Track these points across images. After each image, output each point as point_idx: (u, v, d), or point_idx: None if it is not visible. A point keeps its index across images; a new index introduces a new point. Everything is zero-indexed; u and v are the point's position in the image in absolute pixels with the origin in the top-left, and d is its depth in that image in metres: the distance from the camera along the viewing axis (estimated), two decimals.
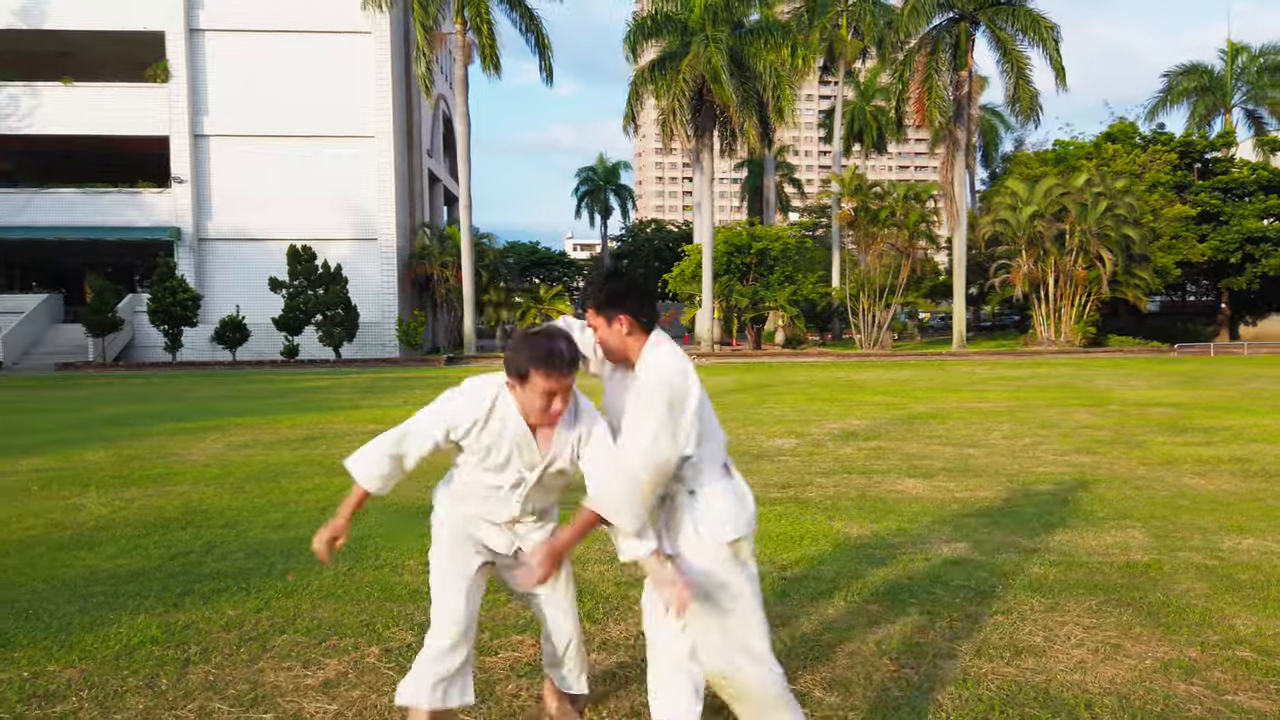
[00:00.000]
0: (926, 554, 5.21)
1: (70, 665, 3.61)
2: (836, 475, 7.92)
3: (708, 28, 31.14)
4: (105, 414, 14.24)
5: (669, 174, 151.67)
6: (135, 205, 33.08)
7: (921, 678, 3.44)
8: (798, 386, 18.32)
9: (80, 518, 6.49)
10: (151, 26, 32.57)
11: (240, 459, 9.14)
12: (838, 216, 37.13)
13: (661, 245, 72.44)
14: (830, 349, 35.16)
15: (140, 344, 32.51)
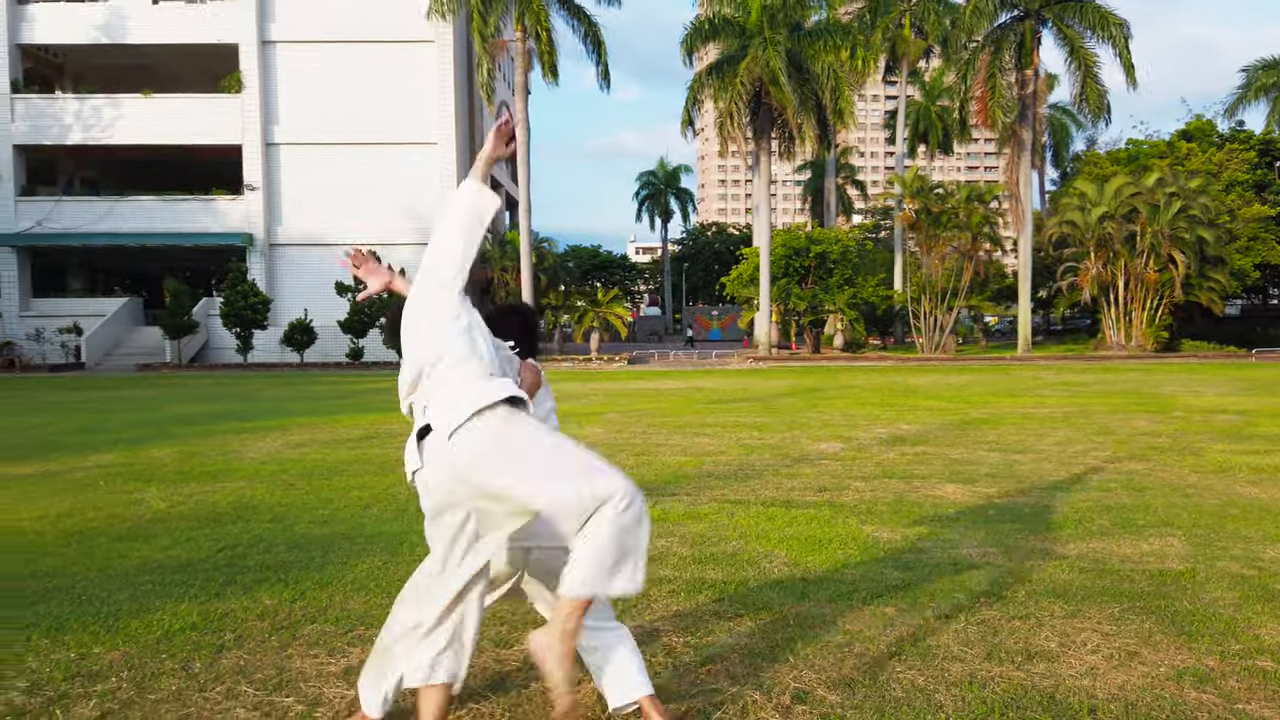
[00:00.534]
0: (954, 559, 5.18)
1: (114, 648, 3.83)
2: (876, 480, 7.89)
3: (765, 30, 31.07)
4: (176, 413, 14.82)
5: (731, 177, 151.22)
6: (210, 212, 34.28)
7: (926, 679, 3.45)
8: (851, 391, 18.18)
9: (139, 511, 6.82)
10: (226, 39, 33.75)
11: (295, 457, 9.46)
12: (899, 218, 36.68)
13: (722, 248, 72.40)
14: (891, 353, 34.73)
15: (214, 346, 33.67)
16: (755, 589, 4.63)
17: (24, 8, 33.92)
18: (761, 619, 4.15)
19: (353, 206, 34.17)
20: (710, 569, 5.02)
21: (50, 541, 5.88)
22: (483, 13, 30.20)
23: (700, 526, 6.08)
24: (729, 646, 3.81)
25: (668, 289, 73.66)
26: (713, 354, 36.55)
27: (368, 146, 34.25)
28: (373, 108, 34.01)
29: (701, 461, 8.99)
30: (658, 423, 12.34)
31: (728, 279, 36.59)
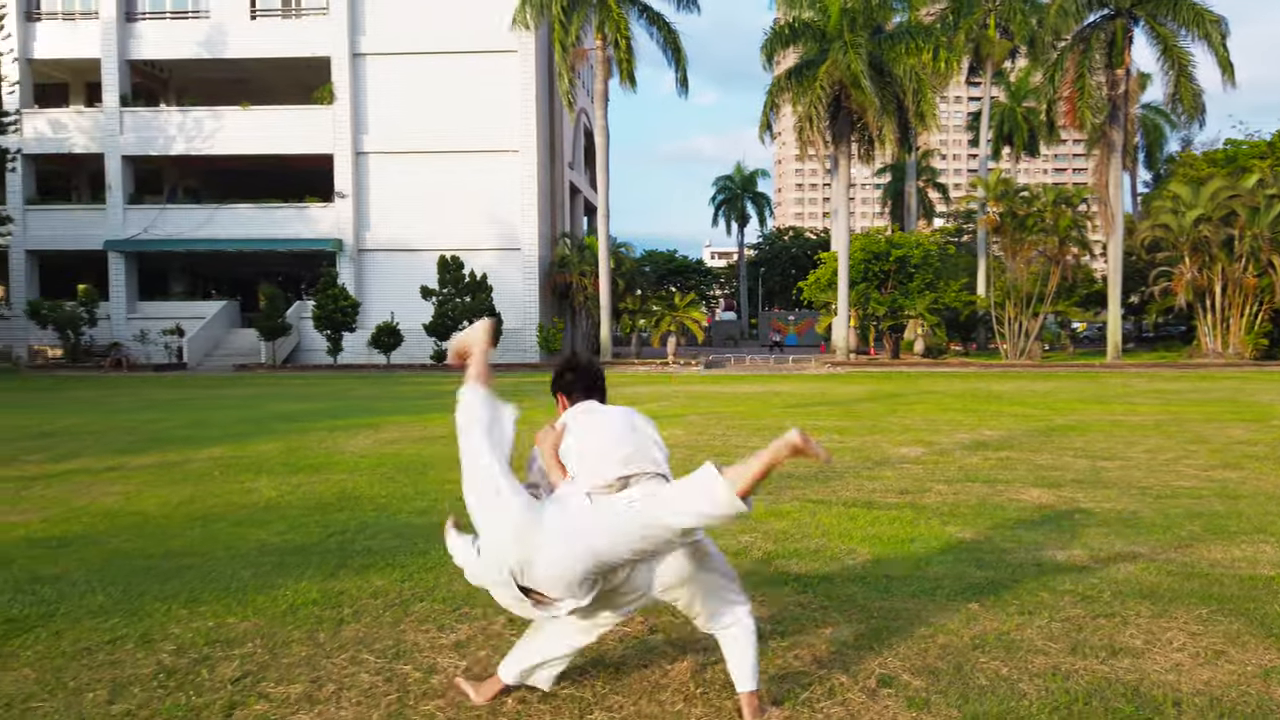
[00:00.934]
0: (1038, 560, 5.24)
1: (246, 619, 4.19)
2: (958, 483, 7.91)
3: (845, 33, 30.91)
4: (275, 410, 15.54)
5: (809, 180, 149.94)
6: (303, 219, 35.60)
7: (1010, 670, 3.56)
8: (932, 396, 18.01)
9: (253, 499, 7.28)
10: (319, 53, 35.02)
11: (390, 452, 9.90)
12: (982, 222, 36.03)
13: (799, 252, 71.88)
14: (973, 359, 34.12)
15: (305, 347, 34.93)
16: (838, 583, 4.77)
17: (133, 25, 35.77)
18: (846, 611, 4.30)
19: (437, 213, 35.08)
20: (793, 563, 5.18)
21: (176, 525, 6.35)
22: (564, 22, 30.74)
23: (782, 524, 6.23)
24: (814, 635, 3.97)
25: (743, 293, 73.49)
26: (789, 359, 36.42)
27: (452, 154, 35.12)
28: (457, 117, 34.88)
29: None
30: (737, 425, 12.49)
31: (805, 283, 36.45)
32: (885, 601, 4.45)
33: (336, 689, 3.38)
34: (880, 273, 33.84)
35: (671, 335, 34.32)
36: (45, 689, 3.37)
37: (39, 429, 12.63)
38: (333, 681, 3.45)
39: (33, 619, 4.17)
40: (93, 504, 7.10)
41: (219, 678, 3.48)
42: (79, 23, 35.79)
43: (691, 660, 3.68)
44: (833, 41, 31.17)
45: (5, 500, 7.34)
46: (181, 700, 3.27)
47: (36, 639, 3.90)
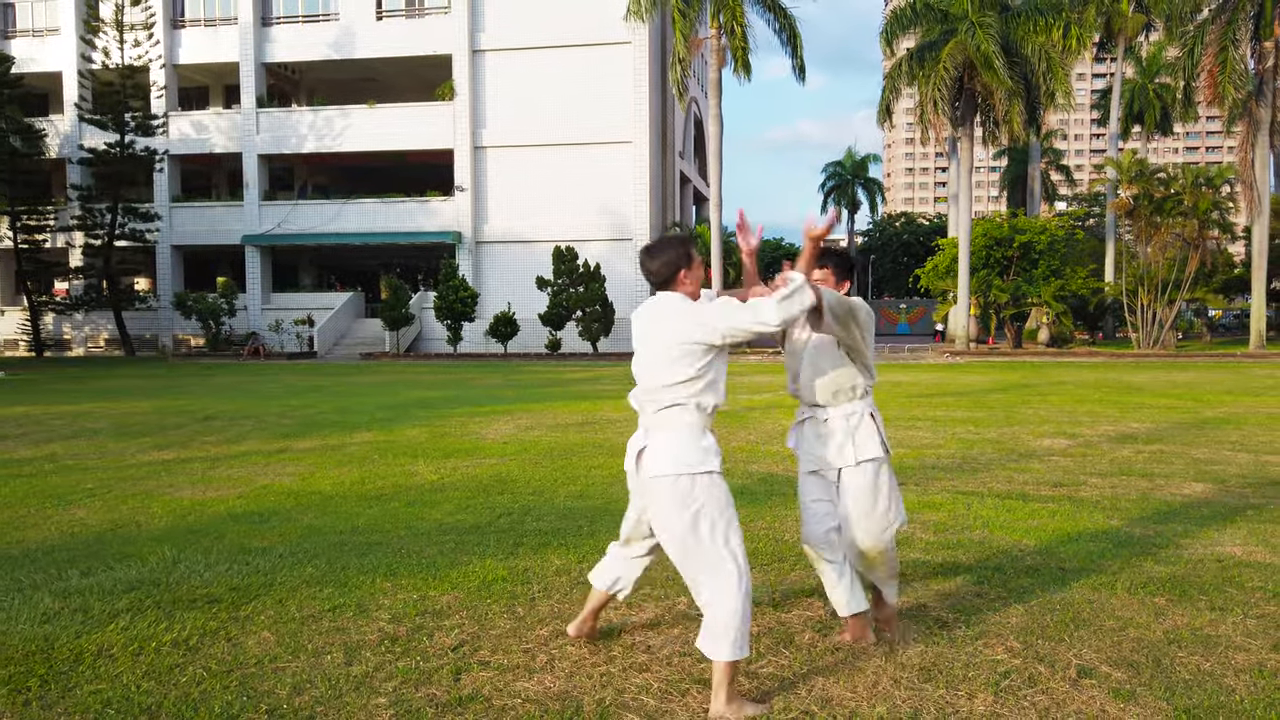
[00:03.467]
0: (1217, 555, 5.10)
1: (446, 592, 4.47)
2: (1113, 477, 7.71)
3: (972, 13, 30.01)
4: (410, 397, 16.21)
5: (919, 165, 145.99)
6: (424, 212, 36.81)
7: (1213, 665, 3.52)
8: (1064, 387, 17.43)
9: (417, 481, 7.68)
10: (440, 50, 36.09)
11: (532, 439, 10.24)
12: (1113, 205, 34.47)
13: (911, 239, 70.19)
14: (1101, 349, 32.75)
15: (426, 336, 36.17)
16: (1011, 575, 4.76)
17: (268, 29, 37.59)
18: (1027, 603, 4.29)
19: (551, 204, 35.75)
20: (961, 554, 5.18)
21: (354, 504, 6.77)
22: (683, 11, 30.78)
23: (938, 515, 6.22)
24: (1000, 625, 4.00)
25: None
26: (904, 348, 35.70)
27: (565, 147, 35.70)
28: (571, 109, 35.42)
29: (921, 454, 9.04)
30: None
31: (923, 270, 35.58)
32: (1064, 594, 4.42)
33: (548, 659, 3.60)
34: (1002, 259, 32.78)
35: None
36: (288, 651, 3.70)
37: (202, 412, 13.54)
38: (543, 652, 3.67)
39: (255, 587, 4.55)
40: (274, 484, 7.63)
41: (439, 645, 3.75)
42: (219, 28, 37.83)
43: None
44: (958, 22, 30.30)
45: (201, 479, 7.95)
46: (412, 665, 3.54)
47: (264, 605, 4.26)
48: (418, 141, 36.52)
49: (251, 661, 3.58)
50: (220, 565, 4.99)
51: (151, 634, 3.87)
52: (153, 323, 38.35)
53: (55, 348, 38.66)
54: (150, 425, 12.02)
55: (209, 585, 4.59)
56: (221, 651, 3.69)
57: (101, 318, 38.07)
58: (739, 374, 21.75)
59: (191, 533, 5.87)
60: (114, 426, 11.95)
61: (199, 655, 3.65)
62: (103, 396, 16.94)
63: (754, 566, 4.88)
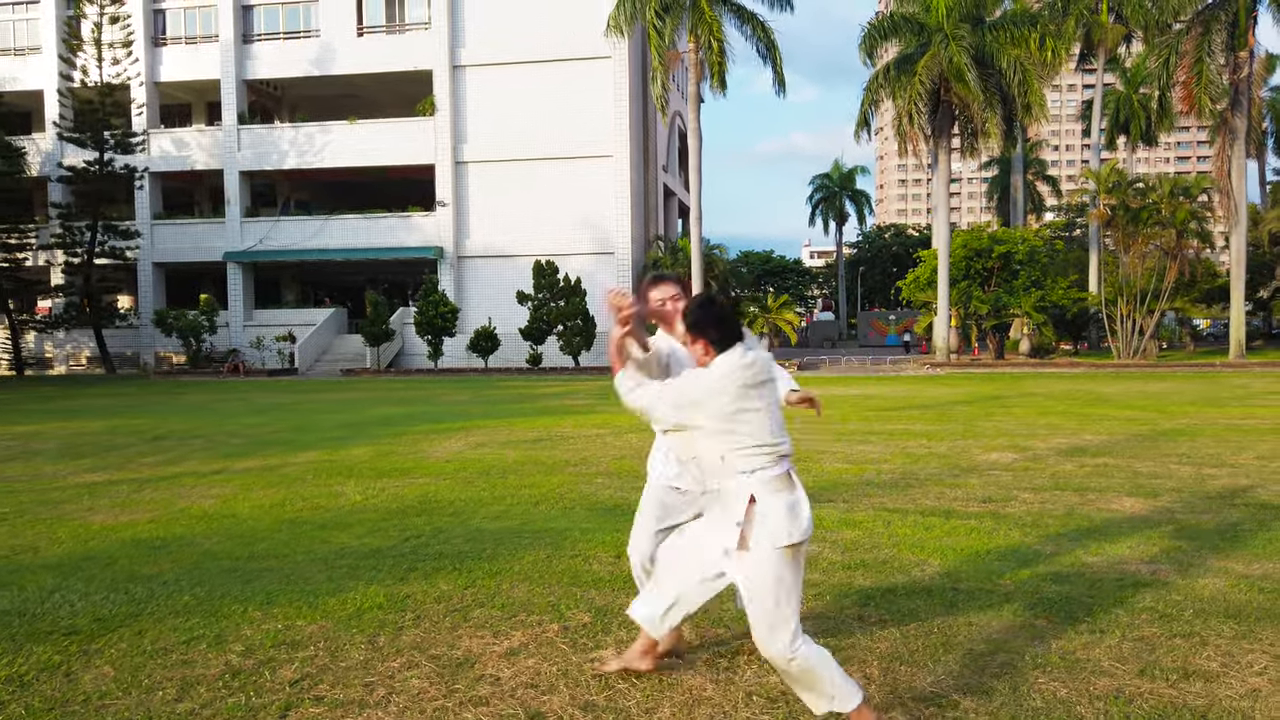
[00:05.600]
0: (1120, 574, 5.00)
1: (314, 622, 4.36)
2: (1046, 491, 7.61)
3: (946, 26, 30.08)
4: (375, 415, 16.09)
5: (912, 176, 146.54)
6: (406, 228, 36.76)
7: (1070, 691, 3.41)
8: (1034, 399, 17.35)
9: (339, 503, 7.57)
10: (421, 66, 36.12)
11: (475, 457, 10.13)
12: (1092, 215, 34.49)
13: (900, 250, 70.32)
14: (1083, 359, 32.70)
15: (408, 352, 36.05)
16: (903, 596, 4.66)
17: (249, 46, 37.62)
18: (905, 626, 4.19)
19: (532, 219, 35.71)
20: (859, 575, 5.08)
21: (265, 528, 6.65)
22: (658, 27, 30.83)
23: (854, 534, 6.11)
24: (867, 650, 3.89)
25: (842, 293, 72.29)
26: (886, 359, 35.65)
27: (547, 161, 35.69)
28: (552, 124, 35.43)
29: (863, 469, 8.93)
30: (822, 430, 12.29)
31: (904, 282, 35.60)
32: (949, 617, 4.32)
33: (387, 693, 3.48)
34: (983, 270, 32.78)
35: (764, 336, 34.01)
36: (121, 687, 3.58)
37: (154, 432, 13.42)
38: (384, 686, 3.56)
39: (120, 617, 4.44)
40: (193, 506, 7.51)
41: (280, 680, 3.64)
42: (200, 46, 37.86)
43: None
44: (934, 34, 30.37)
45: (120, 501, 7.83)
46: (242, 701, 3.43)
47: (121, 637, 4.15)
48: (399, 157, 36.51)
49: (79, 699, 3.46)
50: (97, 594, 4.87)
51: None
52: (134, 340, 38.21)
53: (37, 366, 38.50)
54: (97, 446, 11.90)
55: (75, 616, 4.48)
56: (53, 688, 3.57)
57: (83, 336, 37.94)
58: None
59: (86, 559, 5.75)
60: (60, 447, 11.82)
61: (28, 692, 3.53)
62: (63, 416, 16.81)
63: None
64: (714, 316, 3.07)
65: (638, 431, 12.50)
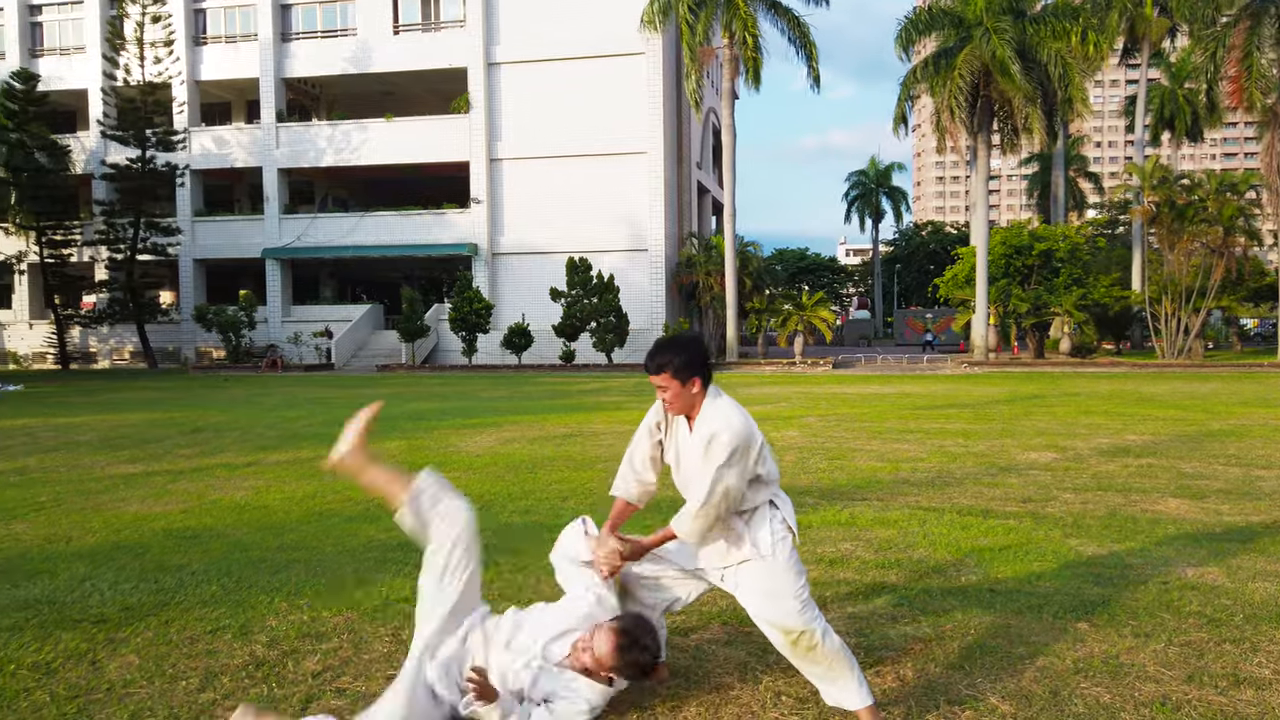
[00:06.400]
0: (1165, 577, 4.83)
1: (339, 613, 4.33)
2: (1088, 492, 7.41)
3: (986, 19, 29.61)
4: (407, 410, 16.15)
5: (950, 173, 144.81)
6: (441, 224, 36.95)
7: (1113, 697, 3.28)
8: (1075, 399, 17.00)
9: (368, 496, 7.55)
10: (456, 64, 36.27)
11: (506, 452, 10.11)
12: (1135, 212, 33.79)
13: (938, 248, 69.50)
14: (1125, 358, 32.06)
15: (443, 348, 36.25)
16: (937, 596, 4.53)
17: (287, 45, 38.02)
18: (940, 626, 4.07)
19: (566, 216, 35.72)
20: (892, 574, 4.95)
21: (295, 520, 6.66)
22: (691, 23, 30.68)
23: (888, 532, 5.99)
24: (900, 650, 3.78)
25: (878, 291, 71.61)
26: (924, 358, 35.21)
27: (580, 158, 35.68)
28: (586, 121, 35.42)
29: (898, 467, 8.78)
30: (856, 428, 12.13)
31: (941, 280, 35.13)
32: (985, 617, 4.19)
33: None
34: (1023, 268, 32.26)
35: (799, 334, 33.72)
36: (145, 675, 3.57)
37: (192, 425, 13.57)
38: None
39: (148, 607, 4.44)
40: (225, 498, 7.55)
41: (303, 671, 3.61)
42: (240, 45, 38.33)
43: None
44: (973, 28, 29.91)
45: (154, 492, 7.90)
46: (265, 691, 3.40)
47: (147, 626, 4.15)
48: (434, 154, 36.69)
49: (104, 687, 3.46)
50: (126, 584, 4.89)
51: (16, 656, 3.76)
52: (175, 335, 38.82)
53: (82, 360, 39.24)
54: (135, 438, 12.05)
55: (104, 604, 4.49)
56: (79, 676, 3.57)
57: (126, 331, 38.59)
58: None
59: (118, 548, 5.79)
60: (100, 439, 11.99)
61: (54, 680, 3.53)
62: (105, 409, 17.07)
63: None
64: (701, 355, 3.17)
65: None
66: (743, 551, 3.17)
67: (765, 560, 3.13)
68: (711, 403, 3.16)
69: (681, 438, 3.28)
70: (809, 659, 3.06)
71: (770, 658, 3.70)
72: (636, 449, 3.43)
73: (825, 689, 3.10)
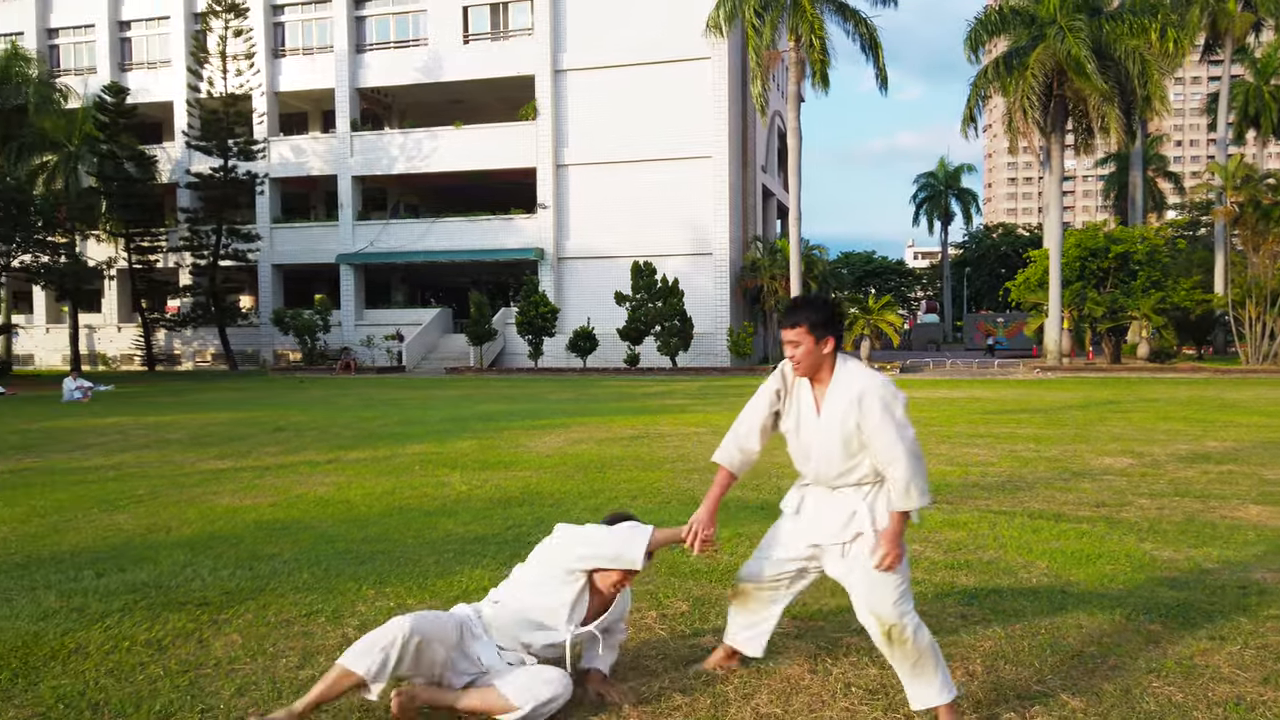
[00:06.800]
0: (1242, 582, 4.77)
1: (423, 600, 4.54)
2: (1165, 498, 7.29)
3: (1060, 18, 29.00)
4: (477, 411, 16.51)
5: (1022, 174, 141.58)
6: (508, 230, 37.53)
7: (1186, 697, 3.29)
8: (1153, 404, 16.58)
9: (446, 492, 7.82)
10: (524, 71, 36.81)
11: (575, 452, 10.31)
12: (1218, 213, 32.69)
13: (1009, 251, 68.09)
14: (1208, 364, 31.02)
15: (510, 351, 36.79)
16: (1008, 597, 4.56)
17: (362, 56, 39.06)
18: (1010, 626, 4.10)
19: (631, 220, 35.96)
20: (962, 575, 4.98)
21: (376, 514, 6.94)
22: (757, 27, 30.65)
23: (957, 534, 6.00)
24: (970, 648, 3.83)
25: (947, 295, 70.36)
26: (994, 363, 34.56)
27: (646, 163, 35.88)
28: (651, 126, 35.62)
29: (967, 471, 8.73)
30: (924, 432, 12.04)
31: (1013, 283, 34.41)
32: (1056, 618, 4.21)
33: None
34: (1098, 270, 31.43)
35: (865, 339, 33.40)
36: (248, 653, 3.82)
37: (274, 424, 14.09)
38: None
39: (246, 591, 4.71)
40: (309, 492, 7.88)
41: None
42: (316, 56, 39.48)
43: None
44: (1046, 26, 29.31)
45: (243, 487, 8.28)
46: None
47: (247, 609, 4.41)
48: (502, 160, 37.29)
49: (211, 663, 3.71)
50: (224, 570, 5.18)
51: (130, 634, 4.04)
52: (254, 338, 40.12)
53: (167, 362, 40.81)
54: (222, 436, 12.57)
55: (205, 589, 4.77)
56: (188, 652, 3.83)
57: (208, 334, 40.01)
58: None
59: (214, 538, 6.12)
60: (189, 437, 12.54)
61: (165, 655, 3.80)
62: (192, 408, 17.80)
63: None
64: (837, 316, 3.25)
65: None
66: (862, 524, 3.17)
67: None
68: (844, 365, 3.20)
69: (804, 405, 3.28)
70: (900, 652, 3.09)
71: (840, 650, 3.79)
72: (747, 415, 3.43)
73: (910, 683, 3.11)
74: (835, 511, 3.23)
